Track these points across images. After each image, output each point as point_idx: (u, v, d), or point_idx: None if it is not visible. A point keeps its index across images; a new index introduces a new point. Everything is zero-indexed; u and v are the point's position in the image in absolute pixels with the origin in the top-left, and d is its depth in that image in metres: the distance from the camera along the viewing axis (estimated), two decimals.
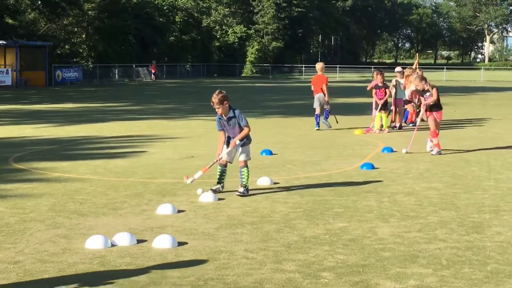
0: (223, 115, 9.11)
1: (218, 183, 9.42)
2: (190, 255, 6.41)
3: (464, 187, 10.09)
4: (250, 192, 9.35)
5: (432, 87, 13.66)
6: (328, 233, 7.26)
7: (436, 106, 13.74)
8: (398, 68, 20.37)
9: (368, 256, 6.41)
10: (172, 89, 44.43)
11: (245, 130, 9.14)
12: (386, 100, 17.91)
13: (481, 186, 10.19)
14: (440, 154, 13.51)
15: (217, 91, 9.06)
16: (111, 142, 15.87)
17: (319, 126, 18.45)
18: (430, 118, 13.79)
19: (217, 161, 9.31)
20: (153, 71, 59.70)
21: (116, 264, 6.11)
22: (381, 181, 10.56)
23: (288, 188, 9.88)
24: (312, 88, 18.96)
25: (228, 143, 9.28)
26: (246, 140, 9.27)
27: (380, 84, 18.06)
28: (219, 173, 9.41)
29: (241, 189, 9.20)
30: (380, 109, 17.76)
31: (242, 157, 9.26)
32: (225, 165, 9.38)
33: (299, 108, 23.27)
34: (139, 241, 6.86)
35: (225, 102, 8.99)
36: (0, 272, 5.87)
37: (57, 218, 7.93)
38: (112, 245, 6.71)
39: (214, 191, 9.19)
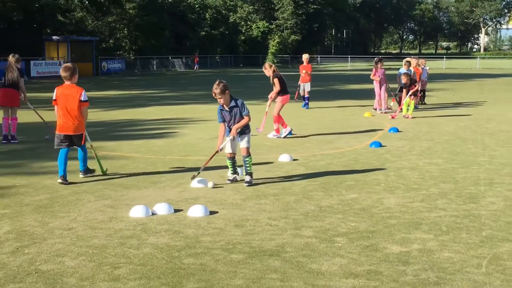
0: (224, 105, 8.15)
1: (233, 173, 8.47)
2: (220, 223, 6.44)
3: (461, 162, 10.00)
4: (273, 168, 9.33)
5: (274, 77, 13.28)
6: (341, 203, 7.25)
7: (280, 92, 13.50)
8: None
9: (376, 223, 6.39)
10: (204, 78, 44.39)
11: (246, 119, 8.18)
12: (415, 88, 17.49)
13: (476, 161, 10.09)
14: (280, 137, 12.99)
15: (217, 82, 8.06)
16: (151, 125, 15.93)
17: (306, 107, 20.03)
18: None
19: (216, 152, 8.28)
20: (196, 62, 61.18)
21: (156, 230, 6.16)
22: (388, 157, 10.51)
23: (306, 164, 9.87)
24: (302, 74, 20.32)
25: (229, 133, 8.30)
26: (246, 129, 8.32)
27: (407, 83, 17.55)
28: (230, 165, 8.43)
29: (248, 178, 8.25)
30: (410, 95, 17.39)
31: (243, 144, 8.27)
32: (233, 157, 8.39)
33: (315, 94, 23.13)
34: (176, 211, 6.90)
35: (226, 91, 8.03)
36: (57, 237, 5.95)
37: (105, 190, 8.01)
38: (153, 214, 6.76)
39: (232, 181, 8.42)
